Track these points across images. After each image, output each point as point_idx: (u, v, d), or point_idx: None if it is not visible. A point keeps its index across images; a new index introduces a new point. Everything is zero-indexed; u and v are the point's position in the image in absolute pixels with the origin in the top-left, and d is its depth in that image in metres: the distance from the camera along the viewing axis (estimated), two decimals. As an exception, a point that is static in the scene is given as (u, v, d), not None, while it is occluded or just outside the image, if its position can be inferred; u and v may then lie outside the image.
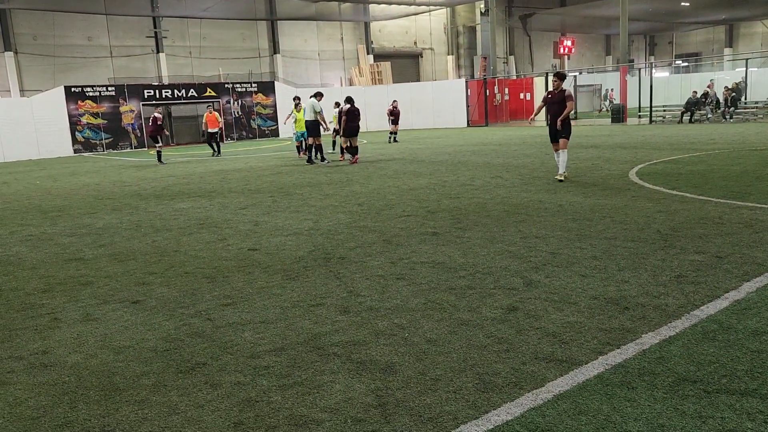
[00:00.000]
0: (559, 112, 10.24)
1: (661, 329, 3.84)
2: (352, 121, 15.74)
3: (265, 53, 38.86)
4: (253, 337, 4.09)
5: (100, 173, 17.27)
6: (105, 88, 28.59)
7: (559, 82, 10.31)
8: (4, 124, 25.46)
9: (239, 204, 9.99)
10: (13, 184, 15.35)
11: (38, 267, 6.40)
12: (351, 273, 5.51)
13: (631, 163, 12.50)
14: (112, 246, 7.26)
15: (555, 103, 10.31)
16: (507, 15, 49.13)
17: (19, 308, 5.01)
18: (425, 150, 19.29)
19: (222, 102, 31.32)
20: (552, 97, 10.40)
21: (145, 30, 34.22)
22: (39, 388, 3.49)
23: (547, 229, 6.83)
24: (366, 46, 42.57)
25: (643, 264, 5.26)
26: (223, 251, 6.65)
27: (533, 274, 5.14)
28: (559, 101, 10.27)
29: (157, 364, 3.73)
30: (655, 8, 44.75)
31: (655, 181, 9.96)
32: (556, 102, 10.31)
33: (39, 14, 30.75)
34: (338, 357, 3.70)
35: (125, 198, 11.56)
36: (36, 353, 4.02)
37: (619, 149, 15.81)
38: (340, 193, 10.64)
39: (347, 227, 7.59)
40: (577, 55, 55.14)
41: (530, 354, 3.58)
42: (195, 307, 4.79)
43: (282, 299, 4.87)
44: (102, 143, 28.35)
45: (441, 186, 10.79)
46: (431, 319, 4.24)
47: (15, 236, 8.20)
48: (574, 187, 9.79)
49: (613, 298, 4.46)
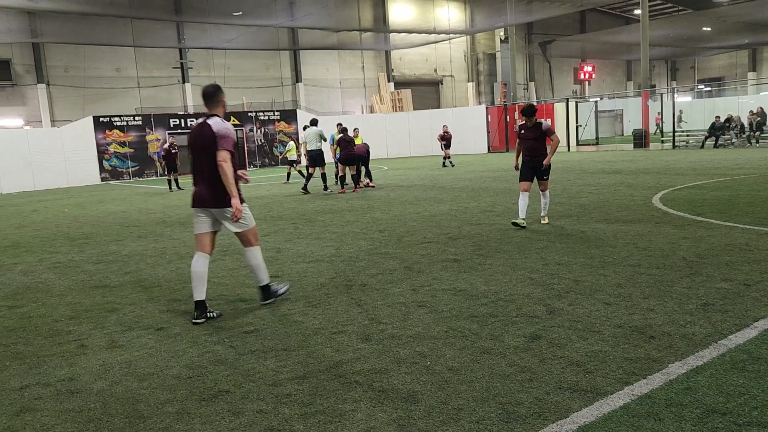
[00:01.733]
0: (536, 148, 8.88)
1: (689, 359, 3.77)
2: (345, 150, 16.13)
3: (287, 82, 39.52)
4: (275, 365, 4.10)
5: (127, 201, 17.58)
6: (132, 117, 29.27)
7: (530, 118, 8.85)
8: (35, 153, 26.13)
9: (261, 231, 10.08)
10: (42, 212, 15.69)
11: (65, 294, 6.51)
12: (372, 300, 5.52)
13: (654, 189, 12.39)
14: (137, 273, 7.36)
15: (530, 139, 8.89)
16: (527, 42, 49.44)
17: (47, 335, 5.10)
18: (446, 176, 19.33)
19: (245, 130, 31.81)
20: (526, 132, 8.94)
21: (171, 61, 35.09)
22: (65, 415, 3.54)
23: (570, 255, 6.78)
24: (387, 74, 43.07)
25: (669, 292, 5.19)
26: (246, 278, 6.70)
27: (556, 302, 5.10)
28: (535, 137, 8.86)
29: (180, 392, 3.76)
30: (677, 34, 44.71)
31: (680, 207, 9.84)
32: (531, 138, 8.88)
33: (70, 47, 31.73)
34: (360, 385, 3.69)
35: (150, 225, 11.74)
36: (63, 380, 4.08)
37: (642, 174, 15.68)
38: (361, 219, 10.69)
39: (368, 254, 7.61)
40: (598, 81, 55.14)
41: (554, 384, 3.54)
42: (218, 334, 4.83)
43: (304, 326, 4.88)
44: (128, 171, 28.91)
45: (462, 212, 10.79)
46: (453, 347, 4.22)
47: (44, 263, 8.37)
48: (596, 213, 9.72)
49: (638, 326, 4.40)
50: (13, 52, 30.54)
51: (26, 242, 10.46)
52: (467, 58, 47.67)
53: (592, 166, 19.41)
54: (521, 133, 9.05)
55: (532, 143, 8.90)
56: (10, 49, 30.36)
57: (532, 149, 8.92)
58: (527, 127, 8.92)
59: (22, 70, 31.01)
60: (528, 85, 50.01)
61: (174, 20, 34.16)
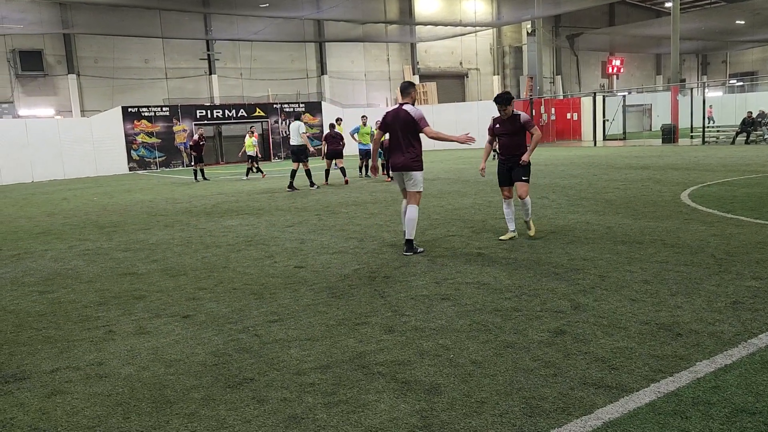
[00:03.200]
0: (513, 145, 7.58)
1: (717, 357, 3.71)
2: (331, 145, 17.09)
3: (312, 74, 39.61)
4: (299, 354, 4.14)
5: (154, 190, 17.83)
6: (159, 108, 29.63)
7: (507, 107, 7.43)
8: (65, 142, 26.61)
9: (286, 222, 10.16)
10: (72, 200, 15.99)
11: (94, 281, 6.64)
12: (396, 292, 5.53)
13: (683, 185, 12.18)
14: (164, 261, 7.48)
15: (507, 134, 7.58)
16: (554, 35, 48.83)
17: (76, 320, 5.21)
18: (470, 169, 19.22)
19: (270, 122, 31.99)
20: (501, 126, 7.61)
21: (198, 53, 35.39)
22: (95, 398, 3.61)
23: (596, 251, 6.71)
24: (412, 67, 42.91)
25: (697, 289, 5.11)
26: (270, 268, 6.76)
27: (581, 297, 5.05)
28: (513, 131, 7.54)
29: (206, 378, 3.82)
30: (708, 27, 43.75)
31: (709, 203, 9.67)
32: (508, 133, 7.57)
33: (100, 38, 32.19)
34: (383, 376, 3.71)
35: (177, 215, 11.90)
36: (92, 364, 4.16)
37: (670, 170, 15.43)
38: (384, 212, 10.70)
39: (392, 246, 7.62)
40: (626, 75, 54.25)
41: (578, 379, 3.51)
42: (243, 322, 4.89)
43: (327, 317, 4.91)
44: (155, 161, 29.29)
45: (486, 206, 10.73)
46: (476, 340, 4.22)
47: (73, 250, 8.53)
48: (623, 209, 9.59)
49: (665, 323, 4.34)
50: (45, 43, 31.07)
51: (57, 229, 10.68)
52: (493, 51, 47.27)
53: (619, 161, 19.15)
54: (495, 128, 7.68)
55: (509, 139, 7.60)
56: (42, 40, 30.90)
57: (509, 146, 7.61)
58: (502, 120, 7.59)
59: (53, 60, 31.56)
60: (554, 79, 49.43)
61: (201, 12, 34.43)
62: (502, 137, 7.67)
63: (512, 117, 7.49)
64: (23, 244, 9.25)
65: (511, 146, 7.62)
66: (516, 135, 7.57)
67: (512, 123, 7.52)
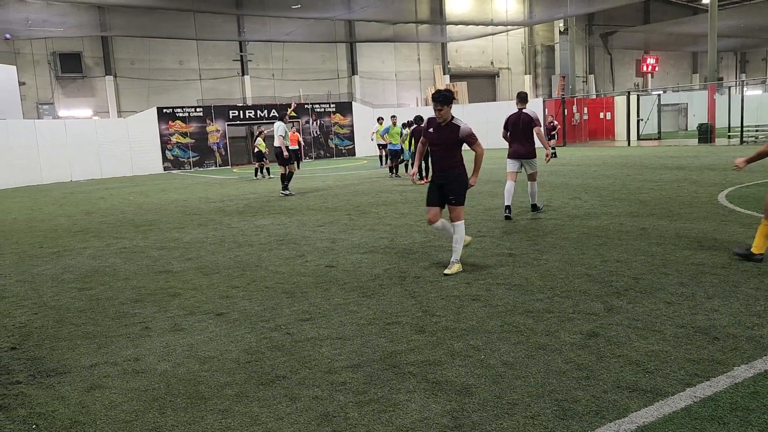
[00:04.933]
0: (446, 158, 6.16)
1: (756, 362, 3.63)
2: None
3: (343, 74, 39.79)
4: (330, 353, 4.17)
5: (188, 190, 18.14)
6: (194, 109, 30.12)
7: (444, 107, 6.04)
8: (102, 142, 27.23)
9: (317, 221, 10.23)
10: (108, 199, 16.36)
11: (131, 278, 6.79)
12: (426, 292, 5.53)
13: (720, 186, 11.90)
14: (198, 260, 7.61)
15: (441, 144, 6.16)
16: (587, 33, 48.16)
17: (114, 316, 5.34)
18: (501, 170, 19.07)
19: (301, 122, 32.26)
20: (435, 133, 6.18)
21: (232, 54, 35.88)
22: (132, 393, 3.70)
23: (629, 253, 6.61)
24: (442, 66, 42.78)
25: (735, 292, 4.99)
26: (302, 267, 6.82)
27: (615, 300, 4.98)
28: (447, 143, 6.11)
29: (239, 375, 3.88)
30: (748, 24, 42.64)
31: (747, 205, 9.43)
32: (441, 143, 6.15)
33: (137, 41, 32.88)
34: (414, 376, 3.72)
35: (210, 214, 12.08)
36: (129, 360, 4.27)
37: (706, 171, 15.09)
38: (415, 212, 10.70)
39: (422, 246, 7.62)
40: (661, 73, 53.19)
41: (612, 382, 3.47)
42: (275, 321, 4.95)
43: (358, 316, 4.94)
44: (189, 161, 29.78)
45: (517, 206, 10.65)
46: (508, 341, 4.20)
47: (110, 248, 8.74)
48: (658, 210, 9.42)
49: (701, 327, 4.26)
50: (84, 45, 31.88)
51: (94, 228, 10.94)
52: (525, 50, 46.82)
53: (653, 162, 18.80)
54: (428, 132, 6.26)
55: (442, 151, 6.18)
56: (81, 43, 31.71)
57: (442, 160, 6.21)
58: (438, 125, 6.17)
59: (91, 62, 32.35)
60: (587, 78, 48.74)
61: (235, 14, 34.89)
62: (435, 147, 6.24)
63: (451, 125, 6.11)
64: (63, 242, 9.51)
65: (444, 160, 6.20)
66: (451, 149, 6.13)
67: (449, 132, 6.11)
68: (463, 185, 6.19)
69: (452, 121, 6.11)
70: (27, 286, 6.67)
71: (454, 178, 6.16)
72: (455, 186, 6.16)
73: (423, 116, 16.66)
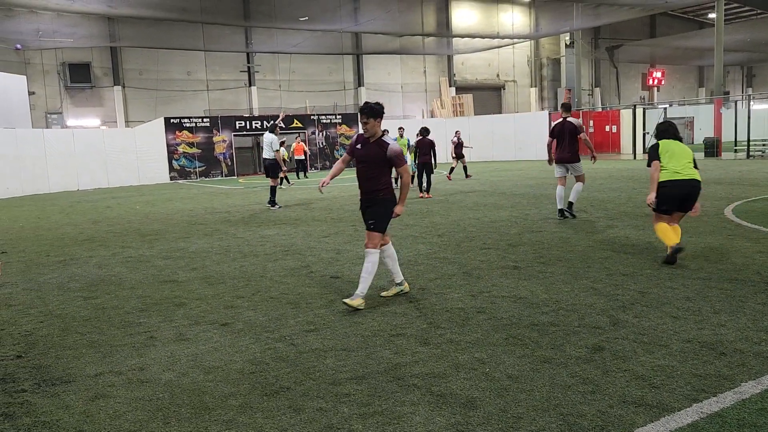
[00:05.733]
0: (372, 178, 5.67)
1: (763, 378, 3.60)
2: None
3: (350, 86, 39.98)
4: (334, 364, 4.17)
5: (194, 200, 18.20)
6: (201, 119, 30.28)
7: (370, 120, 5.54)
8: (110, 152, 27.38)
9: (322, 232, 10.25)
10: (115, 209, 16.43)
11: (136, 287, 6.81)
12: (431, 304, 5.52)
13: (726, 200, 11.86)
14: (203, 269, 7.62)
15: (367, 162, 5.67)
16: (593, 47, 48.26)
17: (119, 325, 5.35)
18: (506, 182, 19.10)
19: (307, 133, 32.39)
20: (363, 149, 5.67)
21: (239, 65, 36.12)
22: (136, 403, 3.70)
23: (635, 266, 6.59)
24: (448, 79, 42.93)
25: (742, 307, 4.97)
26: (307, 278, 6.83)
27: (620, 314, 4.96)
28: (374, 161, 5.61)
29: (244, 386, 3.88)
30: (755, 38, 42.64)
31: (754, 219, 9.39)
32: (368, 161, 5.65)
33: (145, 51, 33.14)
34: (418, 388, 3.71)
35: (216, 224, 12.12)
36: (134, 369, 4.27)
37: (713, 185, 15.04)
38: (420, 224, 10.70)
39: (427, 258, 7.62)
40: (668, 87, 53.21)
41: (618, 397, 3.45)
42: (279, 331, 4.95)
43: (363, 328, 4.94)
44: (195, 171, 29.90)
45: (522, 219, 10.64)
46: (513, 354, 4.18)
47: (116, 257, 8.77)
48: (664, 223, 9.38)
49: (708, 342, 4.23)
50: (93, 55, 32.16)
51: (101, 237, 10.99)
52: (531, 63, 46.96)
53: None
54: (356, 149, 5.72)
55: (367, 169, 5.67)
56: (90, 53, 32.00)
57: (368, 181, 5.69)
58: (366, 140, 5.65)
59: (100, 72, 32.62)
60: (593, 91, 48.79)
61: (243, 25, 35.15)
62: (361, 164, 5.69)
63: (379, 142, 5.62)
64: (69, 251, 9.54)
65: (369, 180, 5.66)
66: (377, 167, 5.62)
67: (376, 149, 5.61)
68: (387, 212, 5.65)
69: (381, 138, 5.64)
70: (33, 294, 6.70)
71: (379, 201, 5.64)
72: (377, 209, 5.62)
73: (429, 128, 16.69)
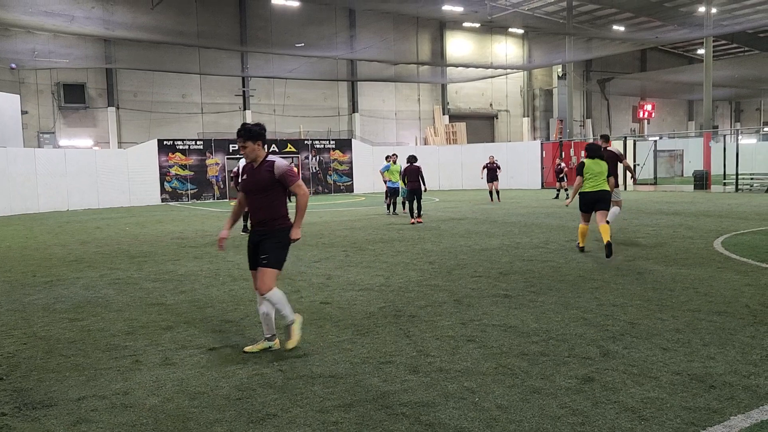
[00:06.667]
0: (263, 207, 4.99)
1: (752, 412, 3.59)
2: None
3: (344, 112, 40.25)
4: (322, 391, 4.12)
5: (185, 222, 18.13)
6: (194, 141, 30.33)
7: (248, 143, 4.94)
8: (101, 172, 27.31)
9: (313, 257, 10.21)
10: (105, 230, 16.33)
11: (123, 309, 6.73)
12: (421, 332, 5.49)
13: (716, 233, 11.95)
14: (192, 293, 7.56)
15: (254, 191, 5.02)
16: (585, 79, 48.97)
17: (104, 348, 5.27)
18: (498, 210, 19.16)
19: (301, 157, 32.49)
20: (249, 177, 5.06)
21: (234, 89, 36.33)
22: (119, 428, 3.63)
23: (625, 297, 6.59)
24: (442, 107, 43.34)
25: (731, 340, 4.97)
26: (296, 303, 6.78)
27: (610, 344, 4.95)
28: (262, 186, 4.95)
29: (229, 412, 3.82)
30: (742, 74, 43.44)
31: (743, 252, 9.46)
32: (255, 189, 5.00)
33: (140, 73, 33.30)
34: (407, 417, 3.66)
35: (206, 247, 12.05)
36: (117, 393, 4.20)
37: (702, 217, 15.17)
38: (411, 250, 10.69)
39: (418, 285, 7.59)
40: (658, 120, 53.97)
41: (607, 428, 3.43)
42: (267, 357, 4.89)
43: (352, 354, 4.89)
44: (187, 193, 29.84)
45: (514, 247, 10.66)
46: (502, 384, 4.15)
47: (104, 279, 8.68)
48: (654, 254, 9.43)
49: (697, 374, 4.22)
50: (88, 76, 32.25)
51: (89, 258, 10.89)
52: (523, 94, 47.54)
53: (649, 207, 18.91)
54: (242, 179, 5.15)
55: (257, 198, 5.00)
56: (85, 74, 32.10)
57: (258, 211, 5.02)
58: (251, 166, 5.04)
59: (95, 93, 32.70)
60: (584, 122, 49.37)
61: (239, 50, 35.45)
62: (250, 195, 5.04)
63: (264, 164, 4.96)
64: (56, 271, 9.45)
65: (261, 210, 4.99)
66: (268, 193, 4.95)
67: (262, 173, 4.94)
68: (282, 242, 4.98)
69: (266, 159, 4.96)
70: (17, 315, 6.60)
71: (275, 232, 4.97)
72: (272, 242, 4.94)
73: (416, 155, 16.87)
